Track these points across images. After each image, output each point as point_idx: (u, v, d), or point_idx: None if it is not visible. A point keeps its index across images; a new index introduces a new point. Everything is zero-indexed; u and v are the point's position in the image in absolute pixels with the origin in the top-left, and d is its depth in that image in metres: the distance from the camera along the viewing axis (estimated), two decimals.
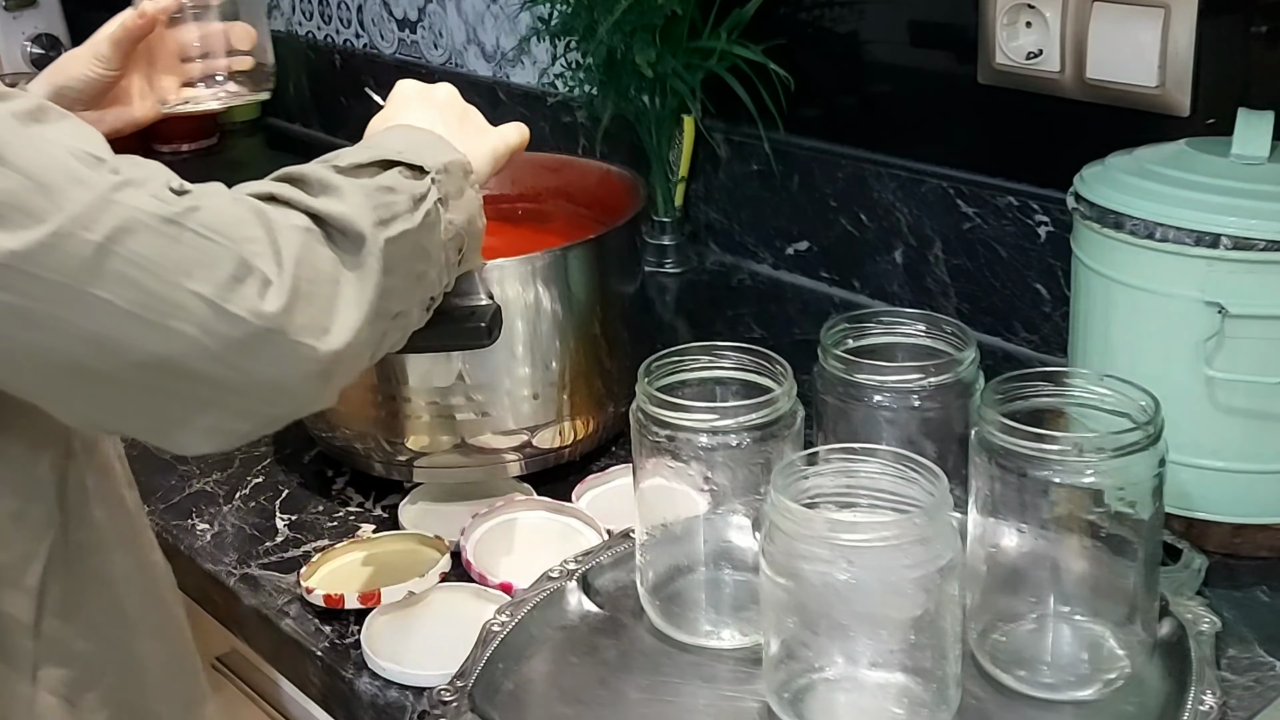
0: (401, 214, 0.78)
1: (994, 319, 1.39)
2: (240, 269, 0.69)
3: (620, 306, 1.17)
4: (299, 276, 0.71)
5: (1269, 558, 1.01)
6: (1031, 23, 1.28)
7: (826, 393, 0.99)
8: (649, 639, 0.95)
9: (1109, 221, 0.99)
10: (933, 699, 0.82)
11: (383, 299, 0.76)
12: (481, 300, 1.06)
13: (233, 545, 1.11)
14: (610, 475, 1.15)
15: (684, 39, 1.51)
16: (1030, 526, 0.86)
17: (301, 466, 1.22)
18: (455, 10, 1.93)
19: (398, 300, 0.78)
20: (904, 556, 0.78)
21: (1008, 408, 0.87)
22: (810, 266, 1.56)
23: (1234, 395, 0.96)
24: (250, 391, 0.71)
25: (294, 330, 0.70)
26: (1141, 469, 0.84)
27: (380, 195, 0.78)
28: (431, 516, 1.13)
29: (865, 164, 1.47)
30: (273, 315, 0.69)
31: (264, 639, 1.04)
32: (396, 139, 0.86)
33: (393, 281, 0.77)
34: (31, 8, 2.42)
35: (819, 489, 0.83)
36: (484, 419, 1.10)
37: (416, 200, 0.80)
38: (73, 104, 1.03)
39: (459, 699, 0.86)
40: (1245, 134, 1.00)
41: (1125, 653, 0.87)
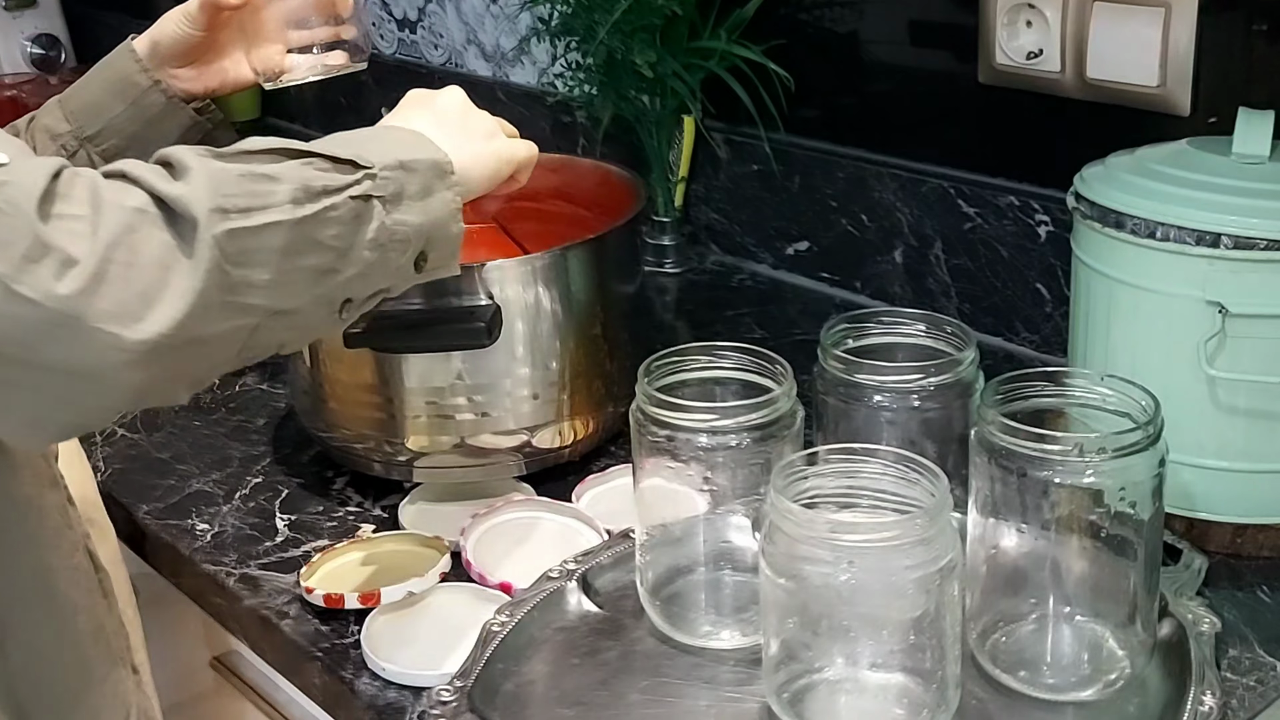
0: (270, 205, 0.73)
1: (995, 319, 1.39)
2: (35, 248, 0.65)
3: (620, 307, 1.17)
4: (109, 259, 0.67)
5: (1270, 558, 1.00)
6: (1032, 22, 1.28)
7: (827, 393, 0.99)
8: (649, 639, 0.94)
9: (1110, 221, 0.99)
10: (933, 700, 0.82)
11: (231, 290, 0.71)
12: (481, 300, 1.06)
13: (232, 545, 1.11)
14: (610, 475, 1.15)
15: (684, 39, 1.51)
16: (1031, 527, 0.86)
17: (301, 466, 1.22)
18: (455, 11, 1.93)
19: (266, 295, 0.73)
20: (905, 557, 0.78)
21: (1008, 408, 0.87)
22: (810, 267, 1.56)
23: (1235, 395, 0.96)
24: (55, 378, 0.68)
25: (93, 315, 0.66)
26: (1142, 469, 0.84)
27: (243, 183, 0.73)
28: (431, 516, 1.13)
29: (865, 164, 1.47)
30: (66, 298, 0.65)
31: (263, 639, 1.04)
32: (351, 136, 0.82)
33: (251, 274, 0.72)
34: (31, 8, 2.43)
35: (819, 489, 0.83)
36: (484, 419, 1.10)
37: (312, 193, 0.75)
38: (165, 60, 1.06)
39: (458, 699, 0.86)
40: (1246, 133, 1.00)
41: (1125, 653, 0.87)
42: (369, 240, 0.78)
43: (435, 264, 0.84)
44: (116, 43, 1.09)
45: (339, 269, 0.77)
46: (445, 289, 1.06)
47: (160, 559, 1.16)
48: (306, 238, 0.75)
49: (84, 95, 1.06)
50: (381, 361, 1.10)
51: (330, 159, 0.77)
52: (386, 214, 0.79)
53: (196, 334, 0.70)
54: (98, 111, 1.05)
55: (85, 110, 1.05)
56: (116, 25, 2.48)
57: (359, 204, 0.77)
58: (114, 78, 1.05)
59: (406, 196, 0.80)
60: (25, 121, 1.06)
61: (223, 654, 1.23)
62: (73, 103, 1.05)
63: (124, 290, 0.67)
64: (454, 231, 0.85)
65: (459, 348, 1.07)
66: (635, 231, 1.22)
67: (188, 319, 0.69)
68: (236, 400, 1.35)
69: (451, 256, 0.86)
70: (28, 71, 2.42)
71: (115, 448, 1.27)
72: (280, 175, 0.74)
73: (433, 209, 0.82)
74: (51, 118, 1.05)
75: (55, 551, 0.87)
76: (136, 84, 1.05)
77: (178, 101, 1.07)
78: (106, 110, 1.04)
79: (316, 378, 1.15)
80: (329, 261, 0.76)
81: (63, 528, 0.88)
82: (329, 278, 0.77)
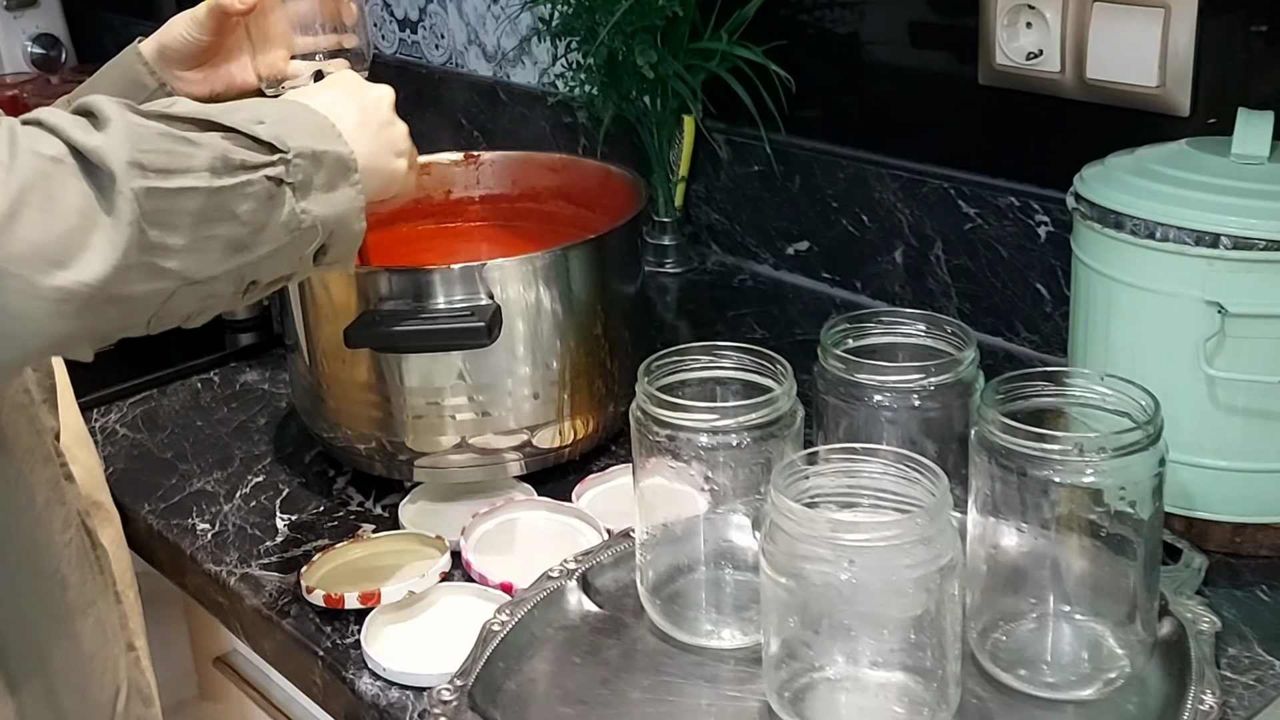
0: (189, 169, 0.73)
1: (995, 319, 1.39)
2: None
3: (621, 307, 1.17)
4: (23, 202, 0.67)
5: (1269, 557, 1.01)
6: (1032, 23, 1.28)
7: (827, 393, 0.99)
8: (649, 639, 0.95)
9: (1109, 221, 0.99)
10: (933, 698, 0.82)
11: (149, 251, 0.71)
12: (481, 300, 1.06)
13: (233, 545, 1.11)
14: (610, 475, 1.15)
15: (685, 40, 1.51)
16: (1030, 526, 0.86)
17: (302, 466, 1.22)
18: (456, 11, 1.93)
19: (181, 261, 0.73)
20: (905, 556, 0.78)
21: (1008, 407, 0.88)
22: (811, 267, 1.56)
23: (1234, 394, 0.96)
24: None
25: (5, 258, 0.66)
26: (1142, 468, 0.84)
27: (162, 142, 0.73)
28: (431, 516, 1.13)
29: (866, 164, 1.47)
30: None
31: (264, 639, 1.04)
32: (270, 110, 0.82)
33: (167, 238, 0.72)
34: (32, 8, 2.42)
35: (820, 489, 0.83)
36: (484, 419, 1.10)
37: (230, 166, 0.75)
38: (172, 64, 1.07)
39: (459, 698, 0.86)
40: (1245, 133, 1.00)
41: (1125, 652, 0.88)
42: (281, 223, 0.79)
43: (334, 258, 0.85)
44: (117, 42, 1.09)
45: (251, 246, 0.77)
46: (445, 289, 1.06)
47: (161, 558, 1.16)
48: (223, 208, 0.75)
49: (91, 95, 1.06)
50: (382, 361, 1.10)
51: (250, 137, 0.78)
52: (296, 200, 0.79)
53: (117, 292, 0.70)
54: None
55: None
56: (118, 25, 2.48)
57: (272, 185, 0.78)
58: (121, 80, 1.05)
59: (314, 187, 0.81)
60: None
61: (224, 653, 1.23)
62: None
63: (39, 234, 0.67)
64: (355, 229, 0.85)
65: (459, 347, 1.07)
66: (636, 231, 1.22)
67: (113, 274, 0.69)
68: (238, 400, 1.35)
69: (350, 254, 0.86)
70: (28, 71, 2.42)
71: (117, 447, 1.28)
72: (200, 142, 0.75)
73: (336, 203, 0.83)
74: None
75: (45, 527, 0.87)
76: (144, 86, 1.05)
77: None
78: None
79: (317, 377, 1.15)
80: (243, 237, 0.77)
81: (54, 503, 0.88)
82: (241, 254, 0.77)
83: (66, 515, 0.89)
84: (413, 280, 1.07)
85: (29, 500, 0.86)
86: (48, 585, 0.87)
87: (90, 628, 0.90)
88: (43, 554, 0.87)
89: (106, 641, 0.92)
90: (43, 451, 0.88)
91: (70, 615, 0.88)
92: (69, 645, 0.88)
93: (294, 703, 1.12)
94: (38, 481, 0.87)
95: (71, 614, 0.89)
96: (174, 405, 1.35)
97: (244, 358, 1.44)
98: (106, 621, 0.92)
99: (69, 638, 0.88)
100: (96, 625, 0.91)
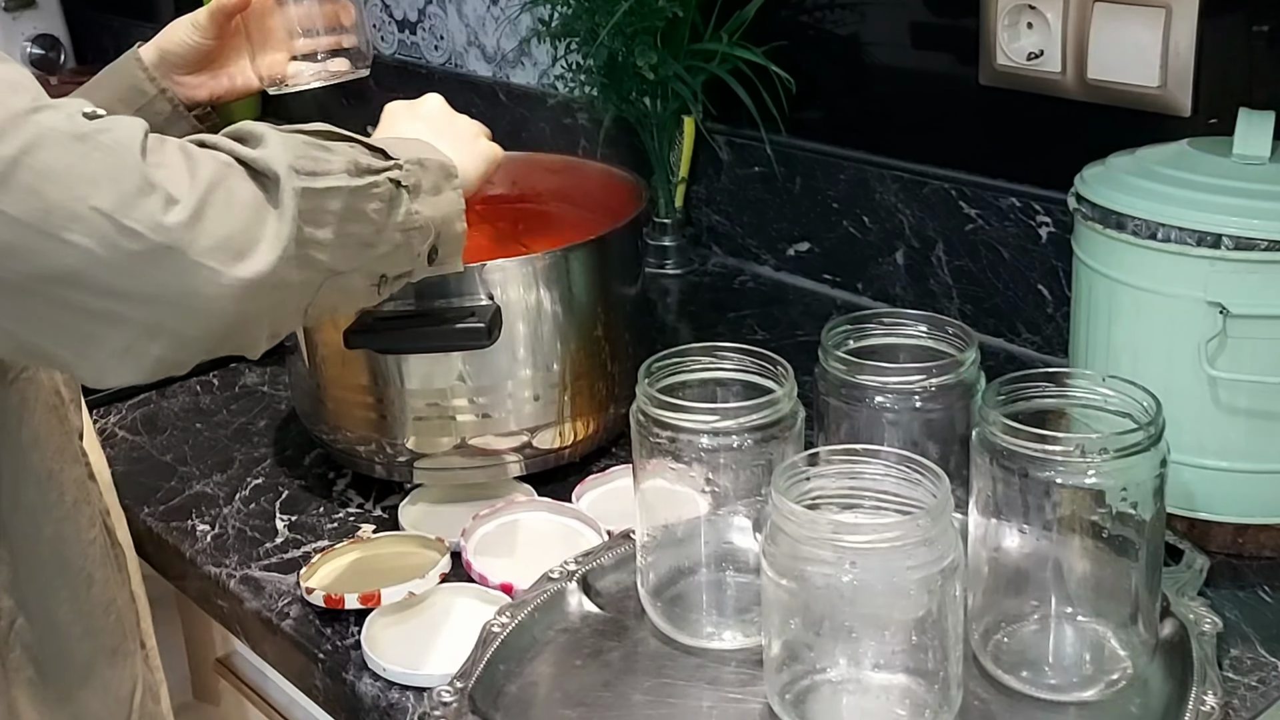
0: (331, 171, 0.80)
1: (997, 320, 1.39)
2: (144, 185, 0.70)
3: (621, 308, 1.17)
4: (209, 200, 0.72)
5: (1272, 558, 1.00)
6: (1033, 24, 1.28)
7: (828, 394, 0.99)
8: (650, 640, 0.94)
9: (1111, 222, 0.99)
10: (935, 700, 0.82)
11: (304, 244, 0.77)
12: (481, 300, 1.06)
13: (233, 547, 1.11)
14: (611, 476, 1.15)
15: (685, 41, 1.51)
16: (1032, 527, 0.86)
17: (302, 467, 1.22)
18: (456, 12, 1.93)
19: (328, 254, 0.79)
20: (907, 558, 0.78)
21: (1010, 409, 0.87)
22: (812, 268, 1.56)
23: (1236, 395, 0.96)
24: (154, 308, 0.72)
25: (197, 250, 0.72)
26: (1144, 469, 0.84)
27: (308, 149, 0.79)
28: (432, 517, 1.13)
29: (867, 166, 1.47)
30: (171, 230, 0.70)
31: (265, 640, 1.04)
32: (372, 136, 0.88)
33: (317, 233, 0.78)
34: (31, 8, 2.43)
35: (821, 490, 0.83)
36: (485, 420, 1.10)
37: (360, 169, 0.82)
38: (172, 68, 1.08)
39: (459, 700, 0.86)
40: (1246, 134, 1.00)
41: (1127, 653, 0.87)
42: (399, 223, 0.84)
43: (443, 258, 0.90)
44: (117, 44, 1.09)
45: (376, 244, 0.83)
46: (445, 289, 1.06)
47: (162, 560, 1.16)
48: (357, 207, 0.81)
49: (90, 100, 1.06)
50: (382, 362, 1.10)
51: (369, 146, 0.84)
52: (410, 202, 0.85)
53: (283, 278, 0.76)
54: None
55: None
56: (117, 26, 2.48)
57: (393, 188, 0.84)
58: (120, 85, 1.06)
59: (423, 190, 0.86)
60: None
61: (224, 655, 1.23)
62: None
63: (222, 228, 0.73)
64: (459, 230, 0.90)
65: (459, 348, 1.07)
66: (636, 233, 1.22)
67: (280, 263, 0.75)
68: (238, 402, 1.35)
69: (456, 253, 0.91)
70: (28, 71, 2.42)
71: (118, 449, 1.27)
72: (334, 149, 0.81)
73: (442, 206, 0.88)
74: None
75: (73, 524, 0.89)
76: (144, 92, 1.05)
77: (182, 109, 1.08)
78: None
79: (317, 379, 1.15)
80: (370, 234, 0.82)
81: (81, 501, 0.90)
82: (370, 250, 0.83)
83: (91, 514, 0.91)
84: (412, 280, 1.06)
85: (59, 498, 0.88)
86: (75, 581, 0.89)
87: (113, 624, 0.92)
88: (71, 550, 0.89)
89: (125, 638, 0.93)
90: (71, 451, 0.90)
91: (94, 612, 0.90)
92: (93, 642, 0.90)
93: (294, 704, 1.12)
94: (66, 480, 0.89)
95: (95, 610, 0.90)
96: (174, 407, 1.35)
97: (244, 360, 1.43)
98: (125, 619, 0.93)
99: (93, 634, 0.90)
100: (117, 622, 0.92)
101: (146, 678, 0.96)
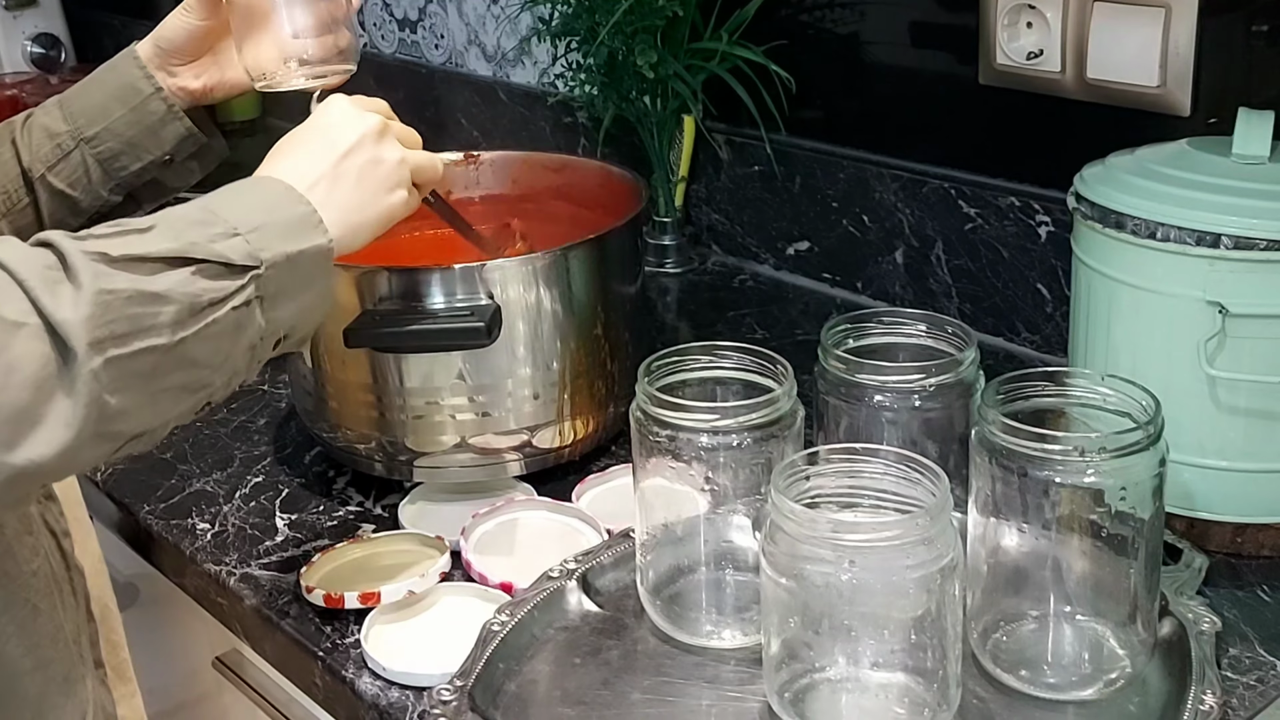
0: (154, 327, 0.71)
1: (996, 319, 1.39)
2: None
3: (621, 307, 1.17)
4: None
5: (1271, 557, 1.00)
6: (1032, 23, 1.28)
7: (828, 393, 0.99)
8: (650, 639, 0.94)
9: (1110, 221, 0.99)
10: (934, 699, 0.82)
11: (107, 420, 0.69)
12: (481, 300, 1.06)
13: (233, 545, 1.11)
14: (610, 475, 1.15)
15: (685, 40, 1.51)
16: (1031, 526, 0.86)
17: (302, 466, 1.22)
18: (456, 11, 1.93)
19: (137, 419, 0.71)
20: (906, 557, 0.78)
21: (1009, 408, 0.87)
22: (812, 267, 1.56)
23: (1235, 395, 0.96)
24: None
25: None
26: (1143, 469, 0.84)
27: (129, 307, 0.70)
28: (431, 516, 1.13)
29: (866, 165, 1.47)
30: None
31: (264, 639, 1.04)
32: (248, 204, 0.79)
33: (125, 401, 0.70)
34: (31, 7, 2.43)
35: (820, 489, 0.83)
36: (484, 419, 1.10)
37: (200, 307, 0.73)
38: (170, 56, 1.05)
39: (459, 699, 0.86)
40: (1246, 133, 1.00)
41: (1126, 652, 0.87)
42: (245, 349, 0.77)
43: (285, 348, 0.83)
44: (116, 43, 1.09)
45: (210, 382, 0.76)
46: (445, 289, 1.06)
47: (162, 558, 1.16)
48: (182, 358, 0.73)
49: (85, 97, 1.06)
50: (382, 361, 1.10)
51: (223, 265, 0.75)
52: (263, 313, 0.77)
53: (73, 459, 0.69)
54: (98, 114, 1.05)
55: (85, 112, 1.05)
56: (117, 25, 2.48)
57: (241, 312, 0.76)
58: (117, 82, 1.05)
59: (286, 293, 0.79)
60: (22, 119, 1.06)
61: (224, 653, 1.23)
62: (73, 104, 1.06)
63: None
64: (318, 318, 0.83)
65: (459, 347, 1.07)
66: (636, 232, 1.22)
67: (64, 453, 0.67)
68: (238, 400, 1.35)
69: (305, 340, 0.84)
70: (28, 71, 2.42)
71: None
72: (168, 293, 0.72)
73: (308, 302, 0.81)
74: (50, 117, 1.05)
75: (13, 559, 0.86)
76: (139, 90, 1.05)
77: (177, 111, 1.07)
78: (107, 114, 1.04)
79: (317, 377, 1.15)
80: (201, 378, 0.75)
81: (22, 533, 0.87)
82: (197, 393, 0.75)
83: (34, 544, 0.88)
84: (412, 280, 1.06)
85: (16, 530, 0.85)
86: (20, 615, 0.85)
87: (62, 652, 0.89)
88: (13, 584, 0.85)
89: (75, 664, 0.90)
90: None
91: (42, 642, 0.87)
92: (44, 674, 0.87)
93: (294, 703, 1.12)
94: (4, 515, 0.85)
95: (43, 641, 0.87)
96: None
97: None
98: (73, 645, 0.91)
99: (44, 665, 0.87)
100: (67, 648, 0.89)
101: (100, 699, 0.93)
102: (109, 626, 1.00)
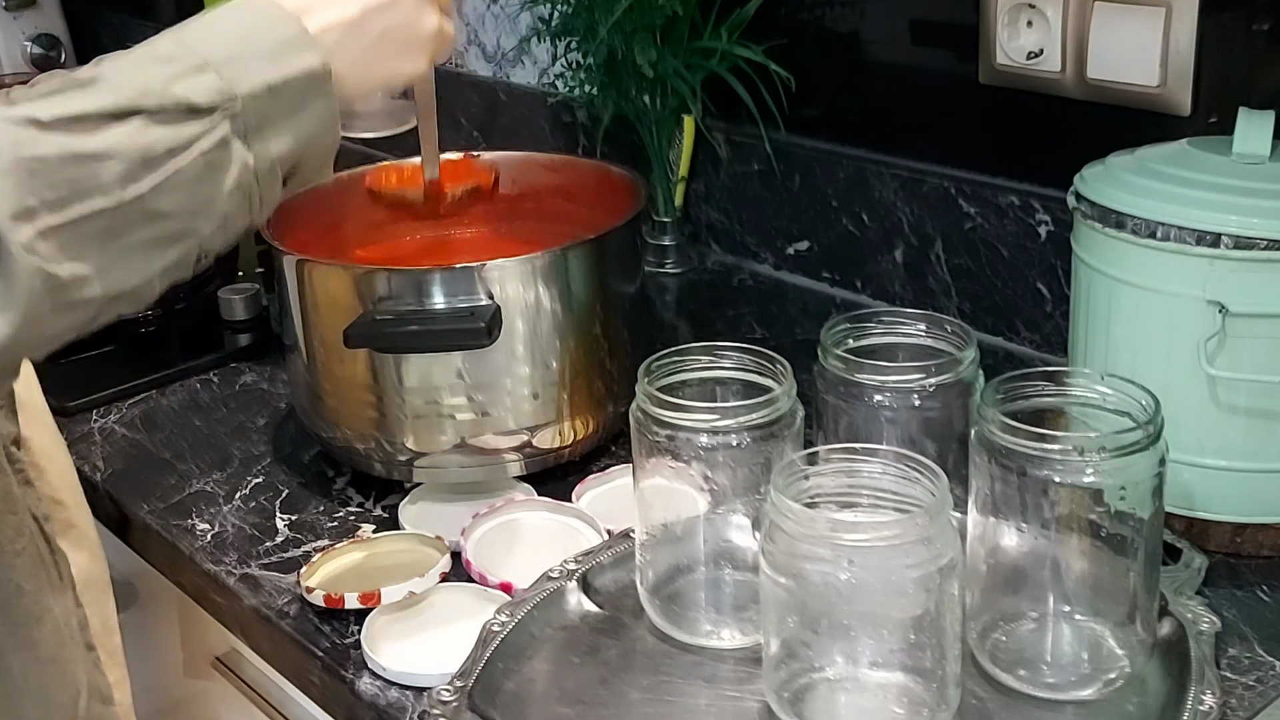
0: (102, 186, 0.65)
1: (995, 318, 1.39)
2: None
3: (620, 306, 1.17)
4: None
5: (1270, 557, 1.00)
6: (1032, 22, 1.28)
7: (827, 392, 0.99)
8: (649, 639, 0.94)
9: (1110, 221, 0.99)
10: (933, 699, 0.82)
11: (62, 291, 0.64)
12: (481, 300, 1.06)
13: (233, 545, 1.11)
14: (610, 475, 1.15)
15: (684, 39, 1.51)
16: (1031, 526, 0.86)
17: (302, 466, 1.22)
18: (455, 11, 1.93)
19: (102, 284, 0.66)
20: (905, 556, 0.78)
21: (1008, 407, 0.87)
22: (811, 266, 1.56)
23: (1235, 394, 0.96)
24: None
25: None
26: (1142, 468, 0.84)
27: (60, 170, 0.64)
28: (431, 516, 1.13)
29: (866, 163, 1.47)
30: None
31: (264, 639, 1.04)
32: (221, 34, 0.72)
33: (82, 267, 0.65)
34: (31, 8, 2.42)
35: (819, 489, 0.83)
36: (484, 419, 1.10)
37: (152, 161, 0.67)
38: None
39: (459, 698, 0.86)
40: (1246, 133, 1.00)
41: (1125, 652, 0.87)
42: (231, 189, 0.71)
43: (304, 179, 0.76)
44: (116, 43, 1.09)
45: (192, 230, 0.70)
46: (445, 289, 1.06)
47: (161, 558, 1.16)
48: (141, 213, 0.67)
49: None
50: (382, 361, 1.10)
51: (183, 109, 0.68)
52: (249, 149, 0.71)
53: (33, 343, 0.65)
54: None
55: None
56: (117, 25, 2.48)
57: (212, 154, 0.69)
58: None
59: (271, 124, 0.72)
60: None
61: (223, 653, 1.23)
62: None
63: None
64: (328, 143, 0.76)
65: (459, 348, 1.07)
66: (636, 231, 1.22)
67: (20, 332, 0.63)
68: (237, 400, 1.35)
69: (323, 167, 0.77)
70: (28, 71, 2.42)
71: (116, 446, 1.27)
72: (110, 150, 0.66)
73: (307, 130, 0.74)
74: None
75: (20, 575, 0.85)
76: None
77: None
78: None
79: (317, 377, 1.15)
80: (176, 227, 0.69)
81: (6, 513, 0.85)
82: (178, 243, 0.70)
83: (18, 524, 0.86)
84: (412, 280, 1.06)
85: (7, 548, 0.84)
86: (3, 594, 0.84)
87: (47, 633, 0.88)
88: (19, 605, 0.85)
89: (64, 645, 0.90)
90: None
91: (27, 622, 0.86)
92: (27, 652, 0.86)
93: (293, 703, 1.12)
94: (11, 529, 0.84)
95: (27, 622, 0.86)
96: (173, 405, 1.35)
97: (243, 358, 1.44)
98: (64, 625, 0.90)
99: (27, 645, 0.86)
100: (54, 630, 0.89)
101: (95, 681, 0.93)
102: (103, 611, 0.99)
